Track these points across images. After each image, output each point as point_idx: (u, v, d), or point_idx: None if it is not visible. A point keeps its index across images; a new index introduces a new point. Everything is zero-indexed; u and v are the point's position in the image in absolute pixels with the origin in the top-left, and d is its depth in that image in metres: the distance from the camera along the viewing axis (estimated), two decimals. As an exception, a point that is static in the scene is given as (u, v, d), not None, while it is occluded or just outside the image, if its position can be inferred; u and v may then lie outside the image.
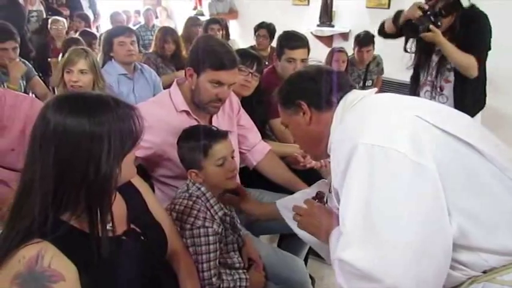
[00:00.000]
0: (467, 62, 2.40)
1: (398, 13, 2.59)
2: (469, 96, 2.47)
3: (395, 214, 0.98)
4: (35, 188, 0.97)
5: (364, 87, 4.13)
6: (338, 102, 1.27)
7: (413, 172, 0.99)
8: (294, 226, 1.49)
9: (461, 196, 1.03)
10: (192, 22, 4.84)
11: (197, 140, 1.55)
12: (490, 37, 2.43)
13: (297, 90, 1.34)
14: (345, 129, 1.16)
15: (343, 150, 1.08)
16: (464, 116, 1.25)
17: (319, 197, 1.44)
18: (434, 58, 2.57)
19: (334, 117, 1.26)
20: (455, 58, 2.42)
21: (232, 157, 1.62)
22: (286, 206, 1.63)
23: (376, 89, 1.36)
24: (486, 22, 2.41)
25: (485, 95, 2.60)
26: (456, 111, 1.29)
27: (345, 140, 1.10)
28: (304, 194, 1.63)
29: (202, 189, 1.56)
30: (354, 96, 1.26)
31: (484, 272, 1.07)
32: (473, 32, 2.40)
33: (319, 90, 1.30)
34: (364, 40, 4.07)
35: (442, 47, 2.42)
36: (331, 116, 1.27)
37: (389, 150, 1.01)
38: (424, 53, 2.60)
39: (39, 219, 0.96)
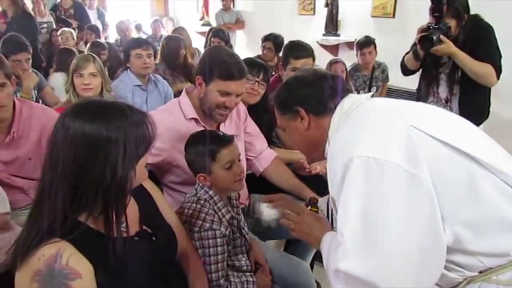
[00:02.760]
0: (484, 70, 2.39)
1: (416, 49, 2.58)
2: (474, 107, 2.47)
3: (392, 224, 1.01)
4: (54, 190, 1.02)
5: (369, 93, 4.15)
6: (335, 107, 1.28)
7: (408, 183, 1.02)
8: None
9: (459, 206, 1.05)
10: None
11: (205, 145, 1.58)
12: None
13: (295, 96, 1.33)
14: (340, 140, 1.17)
15: (339, 161, 1.10)
16: (461, 121, 1.25)
17: (312, 203, 1.46)
18: (442, 71, 2.59)
19: (332, 123, 1.27)
20: (472, 68, 2.39)
21: (239, 160, 1.66)
22: None
23: (372, 93, 1.36)
24: (493, 33, 2.43)
25: (489, 105, 2.61)
26: (453, 115, 1.29)
27: (341, 152, 1.12)
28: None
29: (210, 192, 1.60)
30: (350, 102, 1.27)
31: (480, 272, 1.10)
32: (484, 42, 2.41)
33: (317, 96, 1.30)
34: (364, 41, 4.15)
35: (457, 57, 2.40)
36: (328, 120, 1.27)
37: (384, 162, 1.03)
38: (432, 66, 2.62)
39: (58, 220, 1.01)
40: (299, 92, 1.33)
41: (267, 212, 1.55)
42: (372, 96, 1.33)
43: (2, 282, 1.15)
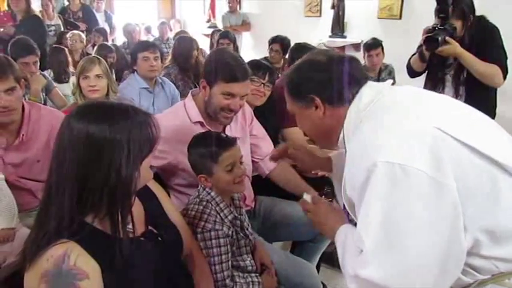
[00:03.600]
0: (491, 71, 2.38)
1: (422, 50, 2.60)
2: (481, 108, 2.45)
3: (415, 233, 0.99)
4: (60, 191, 1.03)
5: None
6: (353, 98, 1.21)
7: (433, 191, 0.99)
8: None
9: (481, 212, 1.03)
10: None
11: (207, 147, 1.59)
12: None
13: (310, 83, 1.24)
14: (362, 142, 1.11)
15: (360, 166, 1.06)
16: (482, 118, 1.22)
17: (325, 193, 1.44)
18: (447, 72, 2.59)
19: (348, 114, 1.21)
20: (478, 68, 2.38)
21: (241, 162, 1.66)
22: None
23: (391, 81, 1.30)
24: (499, 34, 2.42)
25: (495, 106, 2.61)
26: (474, 110, 1.24)
27: (363, 156, 1.07)
28: None
29: (212, 193, 1.61)
30: (370, 95, 1.20)
31: (493, 275, 1.09)
32: (490, 43, 2.40)
33: (334, 83, 1.21)
34: (372, 43, 4.12)
35: (463, 57, 2.39)
36: (345, 110, 1.21)
37: (409, 168, 0.99)
38: (437, 68, 2.62)
39: (64, 221, 1.02)
40: (314, 78, 1.24)
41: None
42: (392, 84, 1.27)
43: (12, 283, 1.17)
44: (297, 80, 1.29)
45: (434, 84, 2.65)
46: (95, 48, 4.48)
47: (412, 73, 2.80)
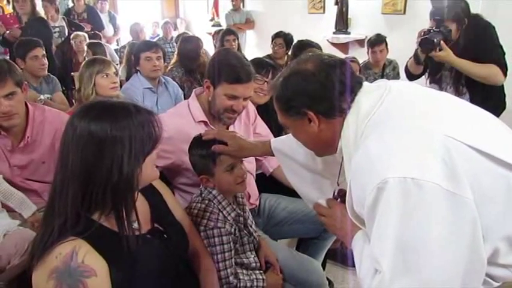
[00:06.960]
0: (488, 71, 2.37)
1: (417, 53, 2.61)
2: (489, 103, 2.42)
3: (435, 252, 0.94)
4: (65, 188, 1.06)
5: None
6: (349, 106, 1.15)
7: (450, 205, 0.93)
8: (288, 174, 1.66)
9: (498, 221, 1.00)
10: None
11: (206, 148, 1.60)
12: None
13: (300, 96, 1.17)
14: (368, 157, 1.03)
15: (369, 183, 0.99)
16: (491, 120, 1.16)
17: (341, 194, 1.33)
18: (446, 73, 2.59)
19: (346, 124, 1.15)
20: (476, 72, 2.39)
21: (241, 162, 1.66)
22: (281, 150, 1.66)
23: (385, 80, 1.24)
24: (492, 31, 2.41)
25: (504, 96, 2.58)
26: (481, 111, 1.18)
27: (371, 172, 1.00)
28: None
29: (214, 192, 1.62)
30: (368, 102, 1.13)
31: (503, 282, 1.06)
32: (485, 42, 2.39)
33: (327, 96, 1.15)
34: (376, 40, 4.12)
35: (456, 65, 2.40)
36: (342, 120, 1.16)
37: (423, 183, 0.93)
38: (436, 68, 2.62)
39: (71, 218, 1.04)
40: (305, 91, 1.17)
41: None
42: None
43: (20, 282, 1.19)
44: (286, 93, 1.21)
45: (434, 83, 2.64)
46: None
47: (410, 76, 2.80)
